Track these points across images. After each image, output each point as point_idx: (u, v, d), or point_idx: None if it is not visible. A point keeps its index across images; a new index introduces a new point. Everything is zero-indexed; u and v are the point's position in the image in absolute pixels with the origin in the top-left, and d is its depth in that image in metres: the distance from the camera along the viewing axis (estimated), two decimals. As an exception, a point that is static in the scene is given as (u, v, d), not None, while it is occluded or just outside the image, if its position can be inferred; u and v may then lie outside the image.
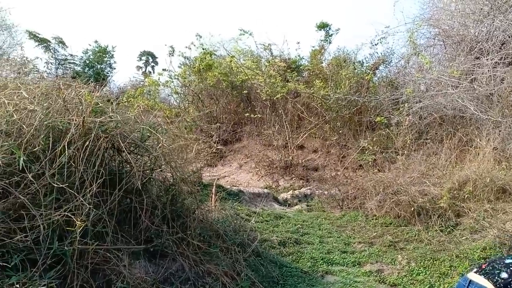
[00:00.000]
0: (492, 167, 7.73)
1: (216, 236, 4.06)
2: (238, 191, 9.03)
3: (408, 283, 5.35)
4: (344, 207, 9.04)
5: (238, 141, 12.63)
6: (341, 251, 6.43)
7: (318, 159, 11.85)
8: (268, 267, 4.85)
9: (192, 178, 4.35)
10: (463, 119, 9.57)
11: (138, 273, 3.12)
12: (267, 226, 7.32)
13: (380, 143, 10.37)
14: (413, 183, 7.91)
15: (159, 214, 3.48)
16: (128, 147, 3.53)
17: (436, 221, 7.05)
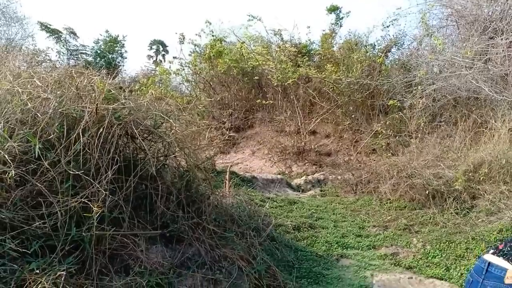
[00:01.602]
0: (507, 149, 7.61)
1: (231, 221, 4.08)
2: (252, 177, 9.05)
3: (424, 265, 5.34)
4: (358, 192, 9.01)
5: (250, 128, 12.63)
6: (356, 235, 6.43)
7: (330, 144, 11.80)
8: (284, 251, 4.87)
9: (205, 164, 4.36)
10: (478, 100, 9.41)
11: (155, 258, 3.16)
12: (281, 211, 7.34)
13: (393, 126, 10.26)
14: (427, 166, 7.84)
15: (174, 199, 3.50)
16: (142, 134, 3.55)
17: (451, 203, 7.00)
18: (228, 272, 3.46)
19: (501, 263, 2.30)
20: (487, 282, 2.29)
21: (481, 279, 2.33)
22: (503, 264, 2.28)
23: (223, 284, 3.35)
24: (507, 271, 2.24)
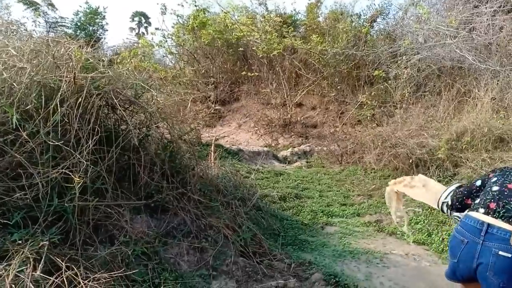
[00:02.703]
0: (490, 117, 7.71)
1: (216, 191, 4.10)
2: (238, 150, 9.06)
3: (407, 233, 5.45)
4: (343, 162, 9.10)
5: (236, 101, 12.56)
6: (341, 204, 6.53)
7: (316, 116, 11.82)
8: (269, 220, 4.93)
9: (190, 136, 4.33)
10: (462, 70, 9.46)
11: (140, 228, 3.17)
12: (267, 182, 7.39)
13: (378, 97, 10.30)
14: (411, 135, 7.92)
15: (158, 170, 3.48)
16: (123, 104, 3.49)
17: (434, 171, 7.10)
18: (214, 240, 3.49)
19: (503, 225, 2.30)
20: (490, 244, 2.29)
21: (480, 240, 2.33)
22: (506, 226, 2.28)
23: (209, 252, 3.38)
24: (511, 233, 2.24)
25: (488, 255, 2.28)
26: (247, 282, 3.23)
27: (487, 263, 2.28)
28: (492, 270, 2.26)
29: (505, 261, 2.23)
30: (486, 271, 2.29)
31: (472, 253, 2.35)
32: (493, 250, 2.26)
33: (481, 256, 2.31)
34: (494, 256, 2.25)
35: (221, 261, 3.37)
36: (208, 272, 3.24)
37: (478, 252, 2.32)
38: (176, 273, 3.09)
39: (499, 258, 2.24)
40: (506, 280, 2.24)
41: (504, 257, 2.22)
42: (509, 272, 2.23)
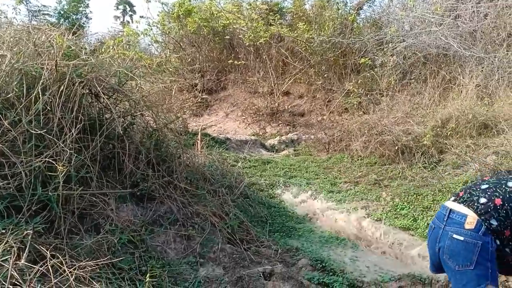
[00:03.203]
0: (474, 104, 7.81)
1: (203, 179, 4.10)
2: (225, 138, 9.05)
3: (392, 217, 5.52)
4: (330, 150, 9.14)
5: (223, 90, 12.48)
6: (328, 191, 6.57)
7: (304, 105, 11.82)
8: (257, 208, 4.95)
9: (176, 123, 4.31)
10: (447, 57, 9.53)
11: (126, 216, 3.16)
12: (255, 171, 7.40)
13: (365, 85, 10.33)
14: (397, 123, 7.99)
15: (144, 159, 3.47)
16: (107, 93, 3.46)
17: (420, 158, 7.19)
18: (201, 228, 3.50)
19: (461, 209, 2.37)
20: (449, 228, 2.36)
21: (442, 225, 2.40)
22: (464, 210, 2.35)
23: (196, 240, 3.39)
24: (467, 217, 2.31)
25: (445, 238, 2.34)
26: (234, 268, 3.25)
27: (444, 247, 2.34)
28: (447, 253, 2.33)
29: (458, 243, 2.28)
30: (443, 254, 2.35)
31: (435, 238, 2.43)
32: (449, 234, 2.33)
33: (440, 240, 2.38)
34: (449, 239, 2.32)
35: (208, 248, 3.38)
36: (196, 259, 3.25)
37: (439, 237, 2.39)
38: (163, 261, 3.10)
39: (453, 241, 2.30)
40: (461, 263, 2.27)
41: (457, 240, 2.28)
42: (462, 255, 2.27)
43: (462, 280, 2.29)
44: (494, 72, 8.52)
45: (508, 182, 2.38)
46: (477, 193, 2.40)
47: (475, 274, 2.25)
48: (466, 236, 2.27)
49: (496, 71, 8.51)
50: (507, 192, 2.33)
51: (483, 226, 2.26)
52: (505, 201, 2.30)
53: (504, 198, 2.31)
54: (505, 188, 2.35)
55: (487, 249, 2.26)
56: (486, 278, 2.26)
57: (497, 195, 2.33)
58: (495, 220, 2.28)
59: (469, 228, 2.28)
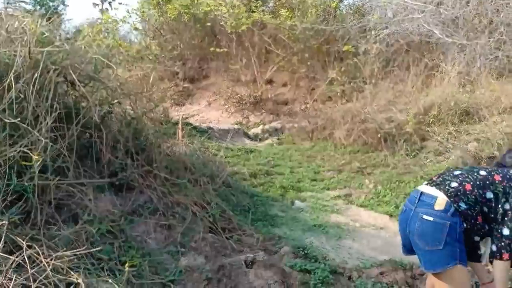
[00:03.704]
0: (456, 91, 7.88)
1: (184, 168, 4.03)
2: (208, 128, 8.98)
3: (375, 204, 5.56)
4: (313, 138, 9.15)
5: (205, 78, 12.35)
6: (311, 179, 6.59)
7: (287, 93, 11.79)
8: (239, 197, 4.91)
9: (155, 112, 4.23)
10: (429, 44, 9.58)
11: (104, 206, 3.10)
12: (238, 160, 7.37)
13: (348, 73, 10.33)
14: (380, 110, 8.02)
15: (122, 148, 3.39)
16: (83, 80, 3.36)
17: (402, 145, 7.25)
18: (182, 217, 3.46)
19: (432, 191, 2.41)
20: (419, 209, 2.39)
21: (413, 207, 2.43)
22: (433, 192, 2.39)
23: (177, 229, 3.35)
24: (437, 198, 2.35)
25: (415, 220, 2.37)
26: (216, 257, 3.22)
27: (414, 228, 2.38)
28: (417, 234, 2.36)
29: (427, 224, 2.32)
30: (413, 235, 2.39)
31: (406, 220, 2.46)
32: (419, 215, 2.36)
33: (411, 222, 2.41)
34: (419, 220, 2.35)
35: (189, 237, 3.35)
36: (177, 248, 3.21)
37: (409, 218, 2.42)
38: (143, 251, 3.05)
39: (423, 222, 2.34)
40: (431, 243, 2.31)
41: (427, 221, 2.32)
42: (431, 235, 2.31)
43: (432, 260, 2.35)
44: (476, 59, 8.61)
45: (480, 171, 2.44)
46: (450, 178, 2.45)
47: (444, 254, 2.30)
48: (435, 216, 2.31)
49: (478, 58, 8.60)
50: (477, 179, 2.37)
51: (452, 207, 2.31)
52: (475, 187, 2.35)
53: (474, 184, 2.36)
54: (477, 176, 2.40)
55: (456, 229, 2.30)
56: (454, 258, 2.30)
57: (468, 181, 2.38)
58: (464, 204, 2.33)
59: (438, 209, 2.32)
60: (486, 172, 2.41)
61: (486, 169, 2.44)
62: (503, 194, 2.33)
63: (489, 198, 2.34)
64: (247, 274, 3.08)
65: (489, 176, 2.38)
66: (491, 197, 2.34)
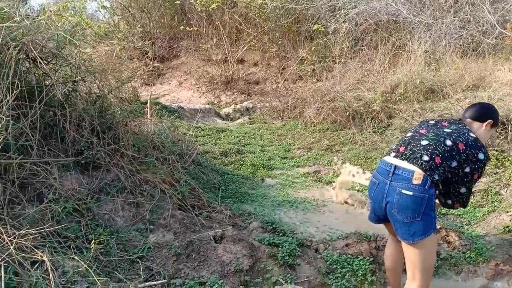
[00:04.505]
0: (422, 69, 8.05)
1: (152, 147, 4.02)
2: (178, 107, 8.91)
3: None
4: (284, 117, 9.23)
5: (175, 58, 12.18)
6: (281, 157, 6.67)
7: (258, 73, 11.77)
8: (210, 175, 4.95)
9: (122, 90, 4.17)
10: (397, 23, 9.70)
11: (70, 185, 3.07)
12: (209, 139, 7.37)
13: (318, 52, 10.39)
14: (349, 89, 8.14)
15: (87, 126, 3.35)
16: (45, 57, 3.29)
17: (370, 123, 7.40)
18: (150, 195, 3.47)
19: (407, 166, 2.52)
20: (396, 183, 2.51)
21: (388, 181, 2.55)
22: (410, 167, 2.51)
23: (145, 207, 3.36)
24: (414, 173, 2.47)
25: (393, 194, 2.51)
26: (185, 233, 3.26)
27: (392, 201, 2.51)
28: (396, 207, 2.50)
29: (407, 198, 2.46)
30: (391, 208, 2.52)
31: (382, 193, 2.59)
32: (397, 189, 2.49)
33: (388, 195, 2.54)
34: (398, 194, 2.48)
35: (158, 215, 3.37)
36: (145, 226, 3.23)
37: (386, 192, 2.56)
38: (111, 229, 3.06)
39: (402, 196, 2.47)
40: (410, 216, 2.46)
41: (406, 195, 2.45)
42: (411, 208, 2.45)
43: (410, 231, 2.48)
44: (442, 38, 8.78)
45: (446, 141, 2.54)
46: (419, 149, 2.55)
47: (422, 225, 2.45)
48: (415, 191, 2.44)
49: (444, 37, 8.77)
50: (445, 151, 2.50)
51: (428, 181, 2.45)
52: (443, 160, 2.49)
53: (443, 156, 2.49)
54: (444, 147, 2.52)
55: (432, 200, 2.47)
56: (431, 227, 2.48)
57: (437, 154, 2.50)
58: (437, 175, 2.47)
59: (417, 183, 2.45)
60: (451, 142, 2.53)
61: (450, 137, 2.55)
62: (465, 161, 2.51)
63: (454, 167, 2.51)
64: (216, 249, 3.13)
65: (454, 146, 2.51)
66: (456, 165, 2.51)
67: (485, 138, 2.76)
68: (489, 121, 2.74)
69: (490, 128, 2.77)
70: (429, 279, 2.64)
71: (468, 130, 2.63)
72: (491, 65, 8.02)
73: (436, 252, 2.75)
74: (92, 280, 2.34)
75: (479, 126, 2.74)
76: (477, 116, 2.77)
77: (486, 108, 2.87)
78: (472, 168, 2.54)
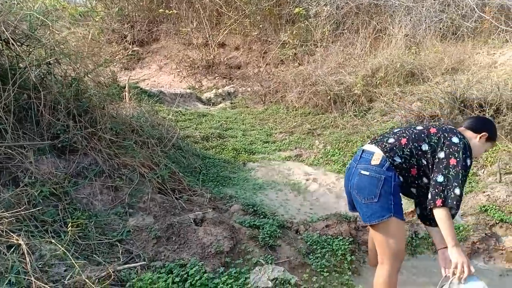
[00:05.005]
0: (402, 53, 8.11)
1: (130, 130, 3.97)
2: (159, 92, 8.80)
3: (324, 163, 5.74)
4: (266, 102, 9.21)
5: (155, 41, 11.97)
6: (263, 141, 6.67)
7: (240, 57, 11.68)
8: (190, 159, 4.93)
9: (99, 73, 4.09)
10: (378, 7, 9.72)
11: (46, 169, 3.01)
12: (190, 124, 7.32)
13: (300, 36, 10.36)
14: (330, 73, 8.15)
15: (63, 109, 3.28)
16: (18, 39, 3.19)
17: (351, 107, 7.44)
18: (129, 179, 3.43)
19: (371, 148, 2.57)
20: (359, 165, 2.54)
21: (355, 164, 2.59)
22: (372, 149, 2.55)
23: (124, 190, 3.33)
24: (374, 154, 2.51)
25: (355, 175, 2.53)
26: (165, 216, 3.25)
27: (353, 183, 2.54)
28: (356, 188, 2.52)
29: (364, 178, 2.47)
30: (353, 190, 2.54)
31: (348, 177, 2.63)
32: (358, 170, 2.52)
33: (352, 178, 2.57)
34: (358, 175, 2.51)
35: (137, 198, 3.34)
36: (124, 209, 3.20)
37: (351, 175, 2.59)
38: (90, 212, 3.03)
39: (361, 177, 2.49)
40: (366, 196, 2.45)
41: (364, 175, 2.47)
42: (368, 188, 2.45)
43: (367, 212, 2.47)
44: (422, 22, 8.85)
45: (417, 126, 2.58)
46: (389, 135, 2.60)
47: (379, 207, 2.43)
48: (371, 171, 2.46)
49: (424, 21, 8.84)
50: (413, 134, 2.52)
51: (387, 162, 2.46)
52: (410, 141, 2.49)
53: (409, 138, 2.50)
54: (413, 130, 2.54)
55: (390, 183, 2.44)
56: (389, 211, 2.44)
57: (404, 136, 2.52)
58: (399, 158, 2.47)
59: (374, 163, 2.47)
60: (422, 127, 2.55)
61: (424, 125, 2.58)
62: (438, 145, 2.44)
63: (425, 150, 2.46)
64: (196, 231, 3.12)
65: (425, 130, 2.52)
66: (427, 149, 2.46)
67: (478, 151, 2.63)
68: (484, 133, 2.59)
69: (485, 141, 2.62)
70: (398, 263, 2.58)
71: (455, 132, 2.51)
72: (470, 48, 8.12)
73: (404, 239, 2.63)
74: (70, 263, 2.31)
75: (473, 137, 2.59)
76: (473, 126, 2.63)
77: (484, 120, 2.76)
78: (447, 153, 2.40)
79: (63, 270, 2.31)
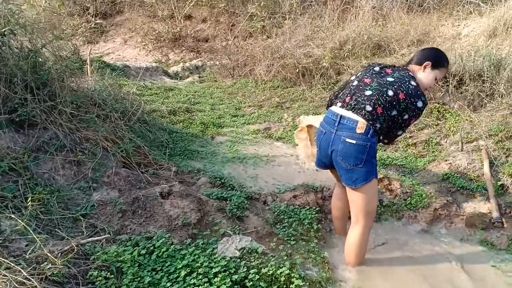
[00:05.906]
0: (369, 25, 8.13)
1: (93, 104, 3.85)
2: (124, 66, 8.57)
3: (292, 136, 5.75)
4: (235, 75, 9.12)
5: (119, 14, 11.58)
6: (232, 115, 6.62)
7: (207, 30, 11.47)
8: (157, 133, 4.84)
9: (60, 45, 3.93)
10: (345, -22, 9.65)
11: (4, 144, 2.90)
12: (157, 98, 7.19)
13: (268, 8, 10.23)
14: (298, 46, 8.11)
15: (20, 82, 3.14)
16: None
17: (319, 80, 7.47)
18: (92, 153, 3.35)
19: (352, 116, 2.62)
20: (341, 132, 2.61)
21: (334, 130, 2.64)
22: (354, 117, 2.61)
23: (87, 165, 3.25)
24: (358, 122, 2.57)
25: (338, 142, 2.63)
26: (130, 190, 3.20)
27: (337, 150, 2.64)
28: (340, 155, 2.62)
29: (351, 146, 2.58)
30: (336, 156, 2.65)
31: (328, 142, 2.70)
32: (341, 138, 2.61)
33: (333, 144, 2.66)
34: (342, 143, 2.61)
35: (101, 172, 3.27)
36: (88, 184, 3.13)
37: (331, 141, 2.68)
38: (52, 187, 2.95)
39: (346, 145, 2.59)
40: (353, 163, 2.59)
41: (350, 144, 2.58)
42: (354, 156, 2.58)
43: (353, 177, 2.62)
44: (389, -7, 8.86)
45: (388, 91, 2.61)
46: (363, 100, 2.61)
47: (365, 171, 2.59)
48: (358, 139, 2.56)
49: (391, -7, 8.85)
50: (387, 102, 2.60)
51: (371, 130, 2.57)
52: (384, 109, 2.60)
53: (384, 107, 2.59)
54: (386, 98, 2.60)
55: (374, 148, 2.61)
56: (372, 173, 2.64)
57: (379, 104, 2.59)
58: (379, 124, 2.59)
59: (360, 132, 2.56)
60: (392, 92, 2.60)
61: (392, 87, 2.62)
62: (404, 109, 2.62)
63: (394, 115, 2.63)
64: (162, 204, 3.10)
65: (395, 96, 2.60)
66: (395, 114, 2.63)
67: (427, 82, 2.78)
68: (427, 62, 2.76)
69: (431, 70, 2.77)
70: (371, 222, 2.82)
71: (410, 78, 2.70)
72: (436, 20, 8.22)
73: (377, 197, 2.90)
74: (31, 238, 2.25)
75: (418, 69, 2.79)
76: (416, 59, 2.83)
77: (424, 51, 2.93)
78: (410, 115, 2.66)
79: (24, 245, 2.26)
